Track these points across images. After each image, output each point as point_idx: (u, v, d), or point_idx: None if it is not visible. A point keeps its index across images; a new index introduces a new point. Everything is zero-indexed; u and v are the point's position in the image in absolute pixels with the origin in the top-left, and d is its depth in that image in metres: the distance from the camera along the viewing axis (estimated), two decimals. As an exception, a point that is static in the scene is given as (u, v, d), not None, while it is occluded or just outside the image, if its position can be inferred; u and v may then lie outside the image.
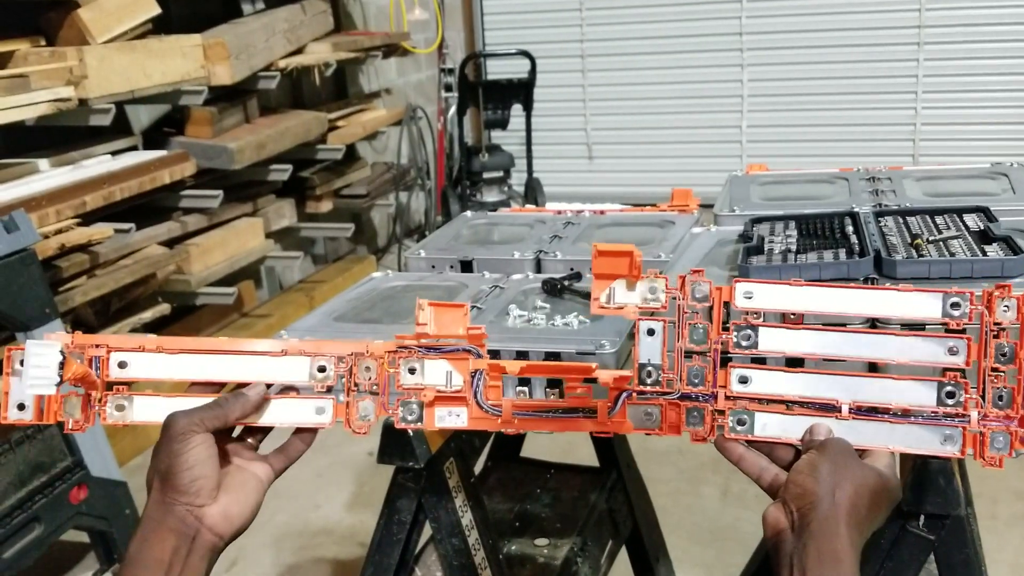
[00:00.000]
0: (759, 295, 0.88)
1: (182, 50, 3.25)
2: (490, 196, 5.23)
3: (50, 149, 3.03)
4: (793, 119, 5.67)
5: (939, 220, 1.23)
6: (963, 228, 1.19)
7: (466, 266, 1.46)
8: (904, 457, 1.22)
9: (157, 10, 3.19)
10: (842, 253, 1.13)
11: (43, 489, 2.16)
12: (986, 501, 2.58)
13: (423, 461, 1.27)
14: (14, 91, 2.57)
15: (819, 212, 1.32)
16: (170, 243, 3.31)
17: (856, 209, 1.33)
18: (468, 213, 1.76)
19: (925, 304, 0.85)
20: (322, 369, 0.92)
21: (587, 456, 1.96)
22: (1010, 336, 0.83)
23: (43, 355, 0.88)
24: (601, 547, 1.79)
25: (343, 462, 3.08)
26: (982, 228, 1.18)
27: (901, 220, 1.26)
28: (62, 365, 0.88)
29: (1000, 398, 0.83)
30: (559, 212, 1.70)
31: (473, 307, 1.26)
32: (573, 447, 2.31)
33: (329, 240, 4.95)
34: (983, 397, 0.84)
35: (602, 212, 1.68)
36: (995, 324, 0.82)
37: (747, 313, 0.88)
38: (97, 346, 0.91)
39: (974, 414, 0.84)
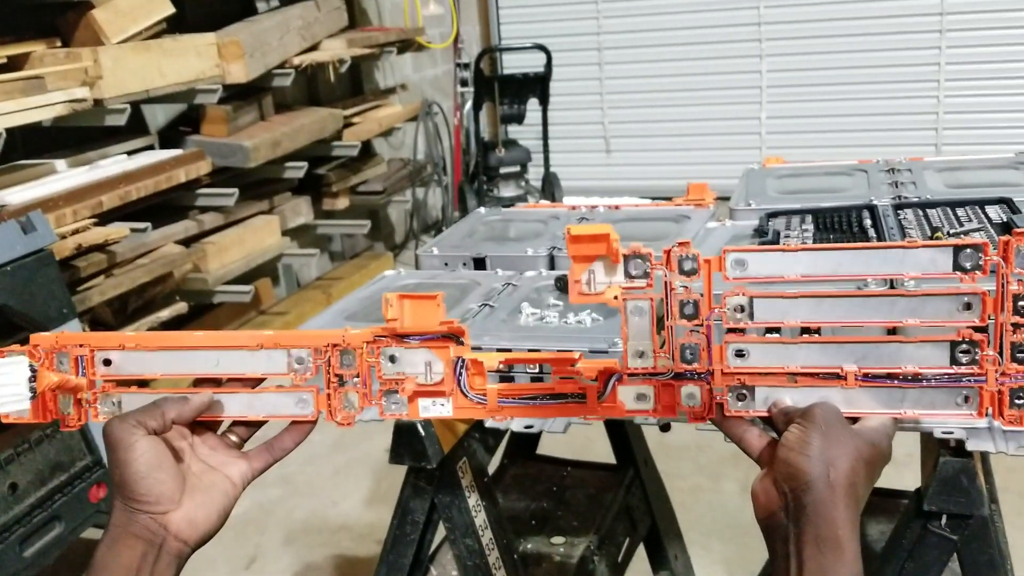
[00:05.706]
0: (752, 263, 0.81)
1: (196, 49, 3.26)
2: (507, 191, 5.22)
3: (67, 150, 3.05)
4: (813, 109, 5.61)
5: (960, 212, 1.21)
6: (985, 220, 1.17)
7: (479, 263, 1.45)
8: (925, 455, 1.20)
9: (171, 9, 3.20)
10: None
11: (63, 488, 2.18)
12: (1013, 496, 2.54)
13: (435, 461, 1.26)
14: (30, 92, 2.58)
15: (836, 205, 1.30)
16: (187, 242, 3.32)
17: (875, 202, 1.30)
18: (482, 209, 1.75)
19: (934, 259, 0.77)
20: (300, 361, 0.89)
21: (604, 453, 1.94)
22: None
23: (10, 372, 0.87)
24: (618, 545, 1.77)
25: (361, 459, 3.08)
26: (1005, 220, 1.15)
27: (921, 213, 1.24)
28: (33, 379, 0.87)
29: (1020, 352, 0.76)
30: (573, 208, 1.68)
31: (485, 305, 1.25)
32: (590, 443, 2.29)
33: (346, 237, 4.96)
34: (1000, 354, 0.76)
35: (616, 207, 1.66)
36: (1013, 274, 0.74)
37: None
38: (80, 346, 0.90)
39: (991, 371, 0.77)
